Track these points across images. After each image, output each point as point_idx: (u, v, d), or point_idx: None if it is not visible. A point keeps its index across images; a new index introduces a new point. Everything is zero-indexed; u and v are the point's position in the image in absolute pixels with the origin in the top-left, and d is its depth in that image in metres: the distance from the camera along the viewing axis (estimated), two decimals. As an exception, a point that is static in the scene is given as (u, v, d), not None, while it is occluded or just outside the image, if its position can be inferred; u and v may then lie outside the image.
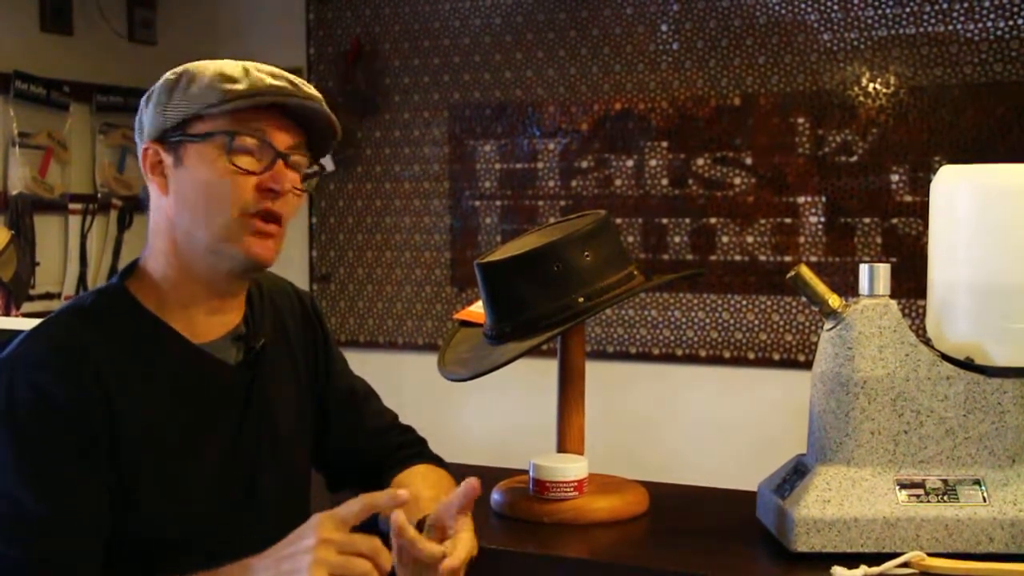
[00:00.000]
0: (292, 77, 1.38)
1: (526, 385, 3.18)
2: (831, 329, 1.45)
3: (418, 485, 1.51)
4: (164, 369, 1.34)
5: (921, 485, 1.41)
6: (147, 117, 1.38)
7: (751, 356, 3.74)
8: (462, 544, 1.30)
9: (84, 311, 1.35)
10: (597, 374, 2.04)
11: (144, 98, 1.40)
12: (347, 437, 1.60)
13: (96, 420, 1.26)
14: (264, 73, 1.36)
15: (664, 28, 3.81)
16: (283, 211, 1.36)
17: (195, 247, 1.35)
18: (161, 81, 1.38)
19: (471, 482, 1.31)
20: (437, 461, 1.64)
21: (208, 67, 1.36)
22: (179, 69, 1.38)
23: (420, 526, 1.36)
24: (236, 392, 1.40)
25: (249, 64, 1.38)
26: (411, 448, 1.63)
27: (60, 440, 1.25)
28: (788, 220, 3.68)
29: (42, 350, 1.28)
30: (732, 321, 3.76)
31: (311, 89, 1.39)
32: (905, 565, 1.35)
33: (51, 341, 1.30)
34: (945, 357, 1.45)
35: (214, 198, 1.33)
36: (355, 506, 1.20)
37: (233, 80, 1.34)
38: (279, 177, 1.34)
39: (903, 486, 1.41)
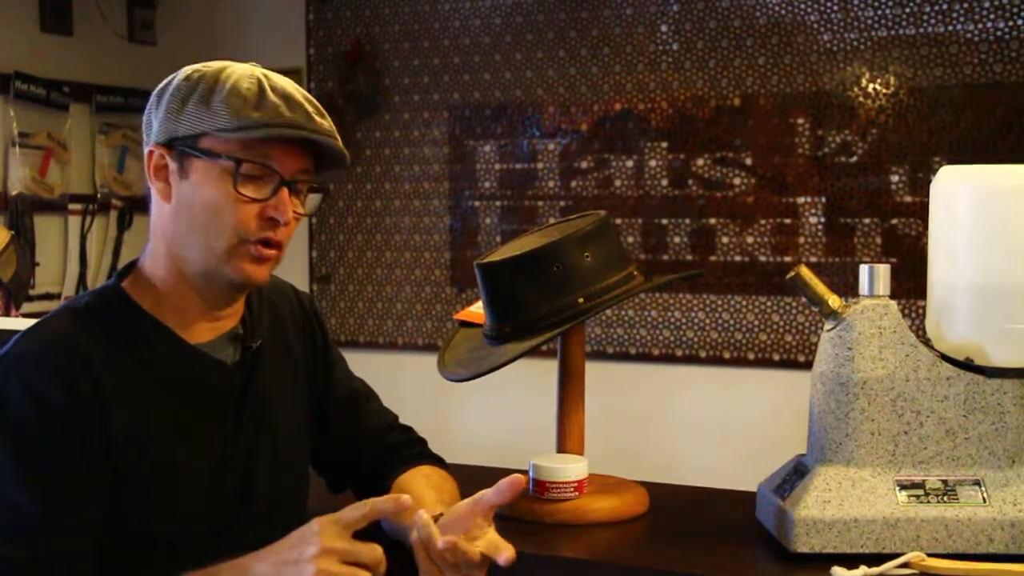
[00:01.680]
0: (308, 105, 1.34)
1: (526, 385, 3.18)
2: (831, 330, 1.45)
3: (421, 486, 1.50)
4: (160, 368, 1.34)
5: (921, 486, 1.41)
6: (156, 119, 1.35)
7: (751, 357, 3.74)
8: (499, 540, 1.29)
9: (79, 311, 1.34)
10: (597, 374, 2.04)
11: (155, 95, 1.36)
12: (347, 438, 1.60)
13: (90, 420, 1.26)
14: (279, 97, 1.32)
15: (664, 29, 3.81)
16: (284, 238, 1.35)
17: (189, 262, 1.35)
18: (175, 84, 1.34)
19: (518, 478, 1.28)
20: (438, 461, 1.64)
21: (227, 79, 1.32)
22: (195, 74, 1.34)
23: None
24: (232, 392, 1.40)
25: (264, 78, 1.34)
26: (412, 448, 1.63)
27: (55, 440, 1.25)
28: (788, 220, 3.68)
29: (36, 350, 1.28)
30: (732, 322, 3.76)
31: (326, 121, 1.35)
32: (905, 565, 1.35)
33: (45, 341, 1.30)
34: (945, 357, 1.45)
35: (215, 222, 1.32)
36: (358, 512, 1.20)
37: (249, 103, 1.30)
38: (283, 207, 1.32)
39: (903, 486, 1.41)
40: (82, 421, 1.26)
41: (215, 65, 1.36)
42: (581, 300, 1.57)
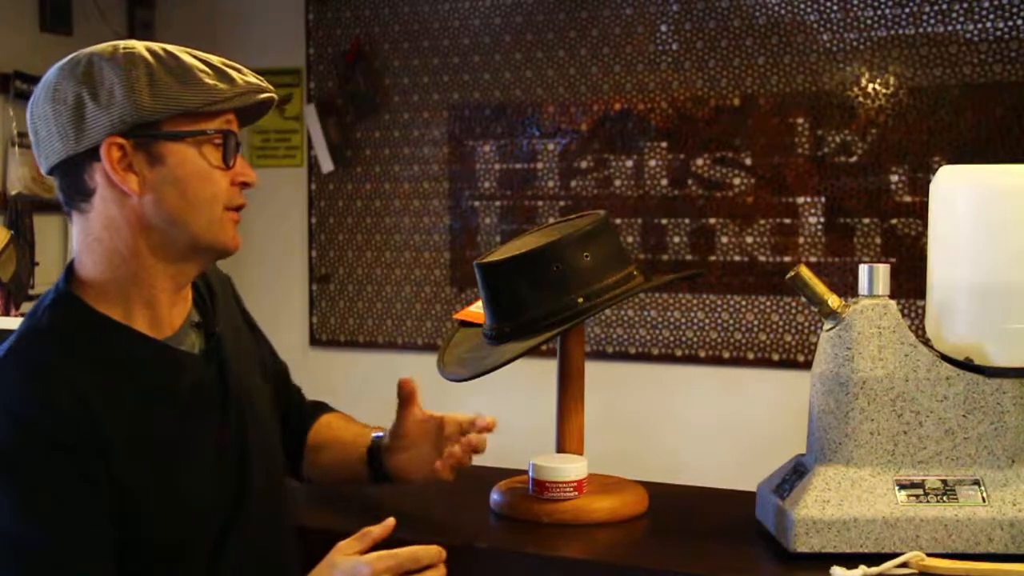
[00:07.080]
0: (227, 67, 1.36)
1: (526, 385, 3.18)
2: (830, 329, 1.45)
3: (337, 428, 1.68)
4: (135, 372, 1.30)
5: (920, 485, 1.41)
6: (93, 113, 1.27)
7: (750, 356, 3.74)
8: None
9: (44, 330, 1.30)
10: (597, 374, 2.04)
11: (74, 86, 1.28)
12: (287, 415, 1.65)
13: (84, 441, 1.22)
14: (231, 70, 1.34)
15: (663, 28, 3.81)
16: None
17: (176, 245, 1.32)
18: (104, 74, 1.28)
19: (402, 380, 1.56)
20: (328, 408, 1.76)
21: (165, 56, 1.30)
22: (118, 55, 1.28)
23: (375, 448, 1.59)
24: (211, 381, 1.37)
25: (189, 53, 1.34)
26: (312, 405, 1.73)
27: (53, 470, 1.21)
28: (787, 220, 3.68)
29: (16, 382, 1.24)
30: (731, 321, 3.76)
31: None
32: (904, 565, 1.35)
33: (21, 371, 1.25)
34: (945, 357, 1.45)
35: (201, 197, 1.32)
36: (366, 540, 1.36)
37: (209, 75, 1.31)
38: (248, 170, 1.37)
39: (902, 486, 1.41)
40: (77, 445, 1.22)
41: (116, 46, 1.31)
42: (581, 300, 1.57)
